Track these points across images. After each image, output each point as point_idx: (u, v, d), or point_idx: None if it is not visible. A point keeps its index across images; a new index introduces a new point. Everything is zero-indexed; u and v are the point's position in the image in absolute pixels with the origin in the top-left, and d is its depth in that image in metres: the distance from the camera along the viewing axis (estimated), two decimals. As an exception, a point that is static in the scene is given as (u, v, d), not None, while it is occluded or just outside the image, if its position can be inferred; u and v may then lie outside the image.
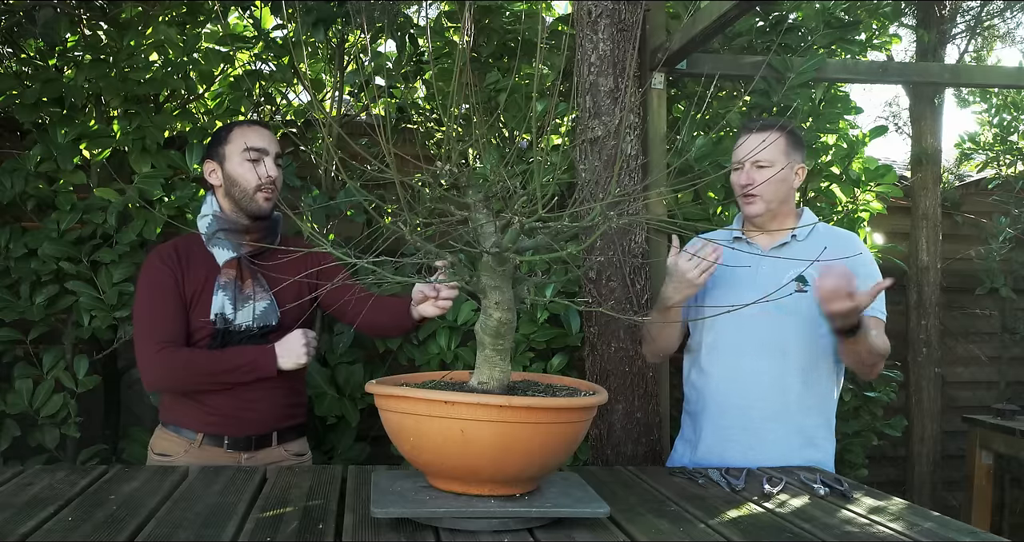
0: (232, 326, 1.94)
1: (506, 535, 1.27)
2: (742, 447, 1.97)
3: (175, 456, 1.95)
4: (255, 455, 1.98)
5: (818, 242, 2.01)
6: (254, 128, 2.03)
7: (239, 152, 1.98)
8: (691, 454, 2.08)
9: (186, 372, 1.89)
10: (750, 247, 2.06)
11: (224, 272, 1.96)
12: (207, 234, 1.99)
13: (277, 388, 1.99)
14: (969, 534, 1.38)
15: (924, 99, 4.18)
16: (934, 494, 4.06)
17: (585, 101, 2.54)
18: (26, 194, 2.72)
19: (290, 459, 2.04)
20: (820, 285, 1.78)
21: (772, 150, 1.98)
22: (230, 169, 1.99)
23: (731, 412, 2.00)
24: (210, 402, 1.94)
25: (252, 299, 1.96)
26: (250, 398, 1.95)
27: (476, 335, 1.37)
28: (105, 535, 1.23)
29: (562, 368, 2.90)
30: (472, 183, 1.34)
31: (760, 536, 1.33)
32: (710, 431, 2.03)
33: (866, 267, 2.03)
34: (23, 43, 2.86)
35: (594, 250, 2.50)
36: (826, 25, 3.19)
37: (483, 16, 3.08)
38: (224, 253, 1.97)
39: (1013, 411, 3.42)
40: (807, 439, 1.99)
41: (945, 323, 4.21)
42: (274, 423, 2.02)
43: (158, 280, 1.92)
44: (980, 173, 4.78)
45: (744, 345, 2.00)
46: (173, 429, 1.98)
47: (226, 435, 1.95)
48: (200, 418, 1.95)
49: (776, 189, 2.01)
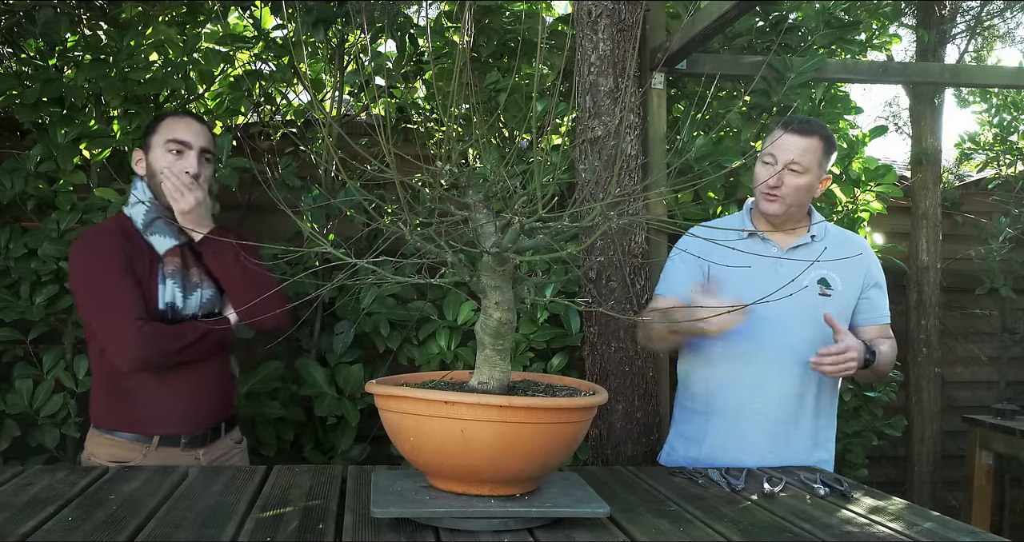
0: (180, 315, 1.91)
1: (506, 535, 1.27)
2: (759, 450, 1.96)
3: (132, 462, 1.87)
4: (210, 449, 1.97)
5: (832, 244, 2.02)
6: (183, 120, 1.96)
7: (162, 143, 1.92)
8: (695, 451, 2.04)
9: (169, 342, 1.84)
10: (765, 245, 2.04)
11: (169, 260, 1.91)
12: (145, 222, 1.92)
13: (221, 377, 2.00)
14: (969, 534, 1.38)
15: (924, 99, 4.18)
16: (934, 494, 4.06)
17: (585, 101, 2.54)
18: (26, 194, 2.72)
19: (235, 448, 2.05)
20: (822, 370, 1.83)
21: (810, 157, 1.94)
22: (152, 159, 1.94)
23: (749, 417, 1.98)
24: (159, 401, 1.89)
25: (200, 286, 1.94)
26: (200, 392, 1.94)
27: (476, 335, 1.37)
28: (105, 535, 1.23)
29: (562, 368, 2.90)
30: (472, 183, 1.33)
31: (760, 536, 1.33)
32: (723, 433, 2.00)
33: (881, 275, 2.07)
34: (23, 43, 2.86)
35: (594, 250, 2.50)
36: (826, 25, 3.19)
37: (483, 16, 3.07)
38: (165, 241, 1.91)
39: (1013, 411, 3.42)
40: (817, 440, 2.00)
41: (945, 323, 4.21)
42: (223, 413, 2.02)
43: (117, 258, 1.85)
44: (980, 173, 4.78)
45: (763, 349, 1.97)
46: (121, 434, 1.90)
47: (182, 434, 1.92)
48: (151, 420, 1.90)
49: (801, 196, 1.98)
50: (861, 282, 2.02)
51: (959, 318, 4.33)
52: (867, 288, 2.03)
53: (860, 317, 2.03)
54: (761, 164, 2.00)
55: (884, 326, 2.05)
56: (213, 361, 1.98)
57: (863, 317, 2.03)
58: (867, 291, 2.03)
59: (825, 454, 2.02)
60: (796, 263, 1.93)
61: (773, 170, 1.95)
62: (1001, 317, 4.34)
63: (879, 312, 2.04)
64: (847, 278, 2.00)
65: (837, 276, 1.99)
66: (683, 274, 2.05)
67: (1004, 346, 4.35)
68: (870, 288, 2.03)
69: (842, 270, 1.98)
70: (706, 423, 2.04)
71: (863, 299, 2.03)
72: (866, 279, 2.03)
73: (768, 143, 2.00)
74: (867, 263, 2.04)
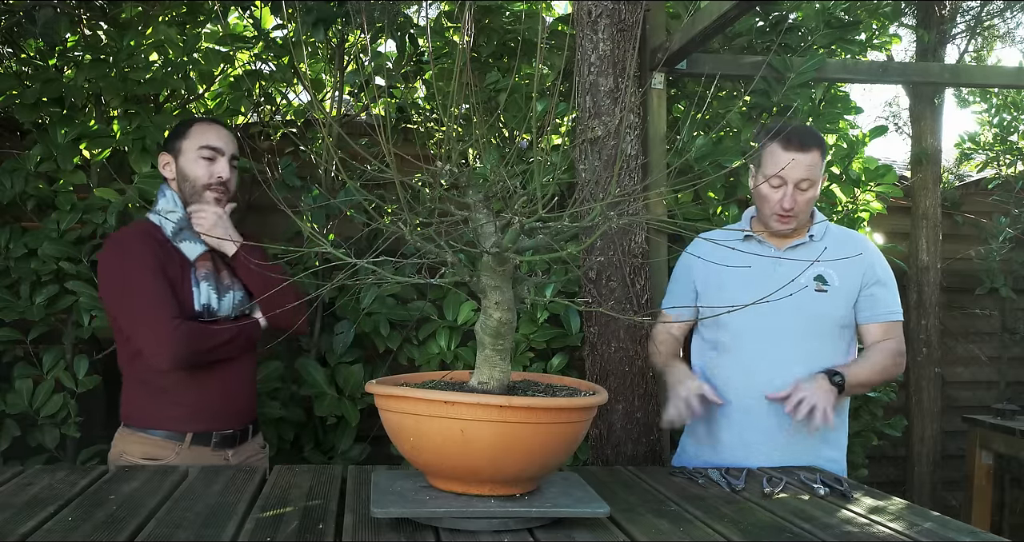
0: (215, 317, 1.95)
1: (506, 535, 1.27)
2: (766, 448, 1.96)
3: (165, 460, 1.90)
4: (239, 451, 2.00)
5: (832, 242, 2.02)
6: (214, 127, 2.03)
7: (195, 149, 1.98)
8: (705, 452, 2.05)
9: (205, 341, 1.88)
10: (762, 246, 2.04)
11: (200, 265, 1.95)
12: (175, 230, 1.96)
13: (249, 377, 2.05)
14: (969, 534, 1.38)
15: (924, 99, 4.18)
16: (934, 494, 4.06)
17: (585, 101, 2.54)
18: (26, 194, 2.72)
19: (259, 452, 2.08)
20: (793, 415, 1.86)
21: (816, 169, 1.96)
22: (184, 164, 1.99)
23: (753, 415, 1.98)
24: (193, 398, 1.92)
25: (232, 288, 1.99)
26: (232, 390, 1.98)
27: (476, 335, 1.37)
28: (105, 535, 1.23)
29: (562, 368, 2.90)
30: (472, 183, 1.33)
31: (760, 536, 1.33)
32: (733, 432, 2.00)
33: (886, 271, 2.06)
34: (23, 43, 2.86)
35: (594, 250, 2.50)
36: (826, 25, 3.19)
37: (483, 16, 3.07)
38: (196, 247, 1.97)
39: (1013, 411, 3.42)
40: (826, 438, 1.99)
41: (945, 323, 4.21)
42: (251, 415, 2.06)
43: (148, 260, 1.89)
44: (980, 173, 4.78)
45: (769, 349, 1.97)
46: (155, 432, 1.92)
47: (214, 431, 1.95)
48: (185, 416, 1.92)
49: (811, 207, 2.02)
50: (860, 279, 2.01)
51: (959, 318, 4.33)
52: (867, 285, 2.01)
53: (862, 315, 2.03)
54: (769, 188, 1.97)
55: (890, 324, 2.02)
56: (243, 360, 2.02)
57: (865, 315, 2.02)
58: (868, 289, 2.01)
59: (834, 452, 2.01)
60: (794, 262, 1.94)
61: (783, 191, 1.95)
62: (1001, 317, 4.34)
63: (883, 310, 2.02)
64: (845, 275, 1.99)
65: (835, 273, 1.99)
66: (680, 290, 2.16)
67: (1004, 346, 4.35)
68: (871, 285, 2.01)
69: (840, 267, 1.97)
70: (713, 422, 2.04)
71: (864, 296, 2.02)
72: (866, 277, 2.01)
73: (769, 163, 1.97)
74: (868, 261, 2.02)
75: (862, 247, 2.03)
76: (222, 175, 2.00)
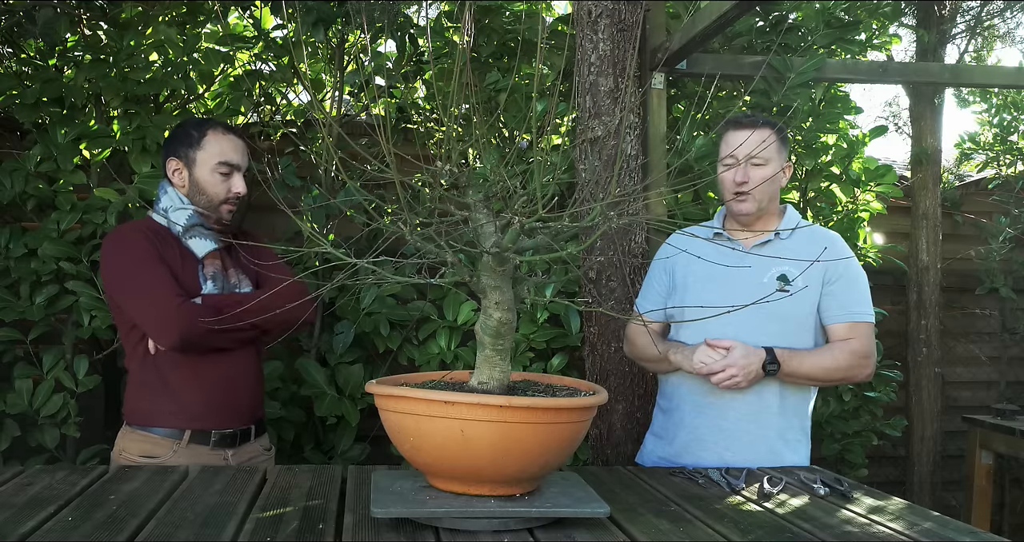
0: None
1: (506, 535, 1.27)
2: (718, 448, 1.95)
3: (162, 458, 1.89)
4: (239, 451, 1.97)
5: (800, 240, 2.00)
6: (228, 137, 1.98)
7: (213, 164, 1.95)
8: (663, 450, 2.05)
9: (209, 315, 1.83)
10: (732, 243, 2.03)
11: (208, 263, 1.95)
12: (186, 226, 1.94)
13: (254, 375, 2.02)
14: (969, 534, 1.38)
15: (924, 99, 4.18)
16: (934, 494, 4.06)
17: (585, 101, 2.54)
18: (26, 194, 2.72)
19: (263, 454, 2.05)
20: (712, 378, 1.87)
21: (768, 150, 1.96)
22: (199, 176, 1.96)
23: (708, 411, 1.97)
24: (193, 395, 1.91)
25: (238, 286, 1.98)
26: (234, 389, 1.96)
27: (476, 335, 1.37)
28: (105, 535, 1.23)
29: (562, 368, 2.90)
30: (472, 183, 1.34)
31: (760, 536, 1.33)
32: (686, 430, 2.00)
33: (850, 269, 1.99)
34: (23, 43, 2.87)
35: (594, 250, 2.50)
36: (826, 25, 3.19)
37: (483, 16, 3.08)
38: (206, 244, 1.95)
39: (1013, 411, 3.42)
40: (785, 440, 1.97)
41: (945, 323, 4.21)
42: (254, 415, 2.03)
43: (149, 248, 1.88)
44: (980, 173, 4.78)
45: None
46: (154, 430, 1.91)
47: (213, 430, 1.93)
48: (184, 413, 1.91)
49: (768, 187, 1.99)
50: (822, 277, 1.95)
51: (959, 318, 4.33)
52: (828, 283, 1.96)
53: (825, 315, 1.97)
54: (722, 168, 2.02)
55: (855, 324, 1.95)
56: (246, 360, 2.00)
57: (827, 315, 1.96)
58: (829, 286, 1.96)
59: (794, 456, 1.97)
60: (761, 261, 1.95)
61: (735, 170, 1.98)
62: (1001, 317, 4.34)
63: (845, 309, 1.95)
64: (808, 274, 1.90)
65: (797, 271, 1.91)
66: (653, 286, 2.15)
67: (1004, 346, 4.35)
68: (832, 283, 1.96)
69: (803, 266, 1.89)
70: (671, 420, 2.04)
71: (824, 295, 1.96)
72: (827, 274, 1.95)
73: (723, 149, 2.02)
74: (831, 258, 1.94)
75: (829, 243, 1.97)
76: (240, 191, 1.99)
